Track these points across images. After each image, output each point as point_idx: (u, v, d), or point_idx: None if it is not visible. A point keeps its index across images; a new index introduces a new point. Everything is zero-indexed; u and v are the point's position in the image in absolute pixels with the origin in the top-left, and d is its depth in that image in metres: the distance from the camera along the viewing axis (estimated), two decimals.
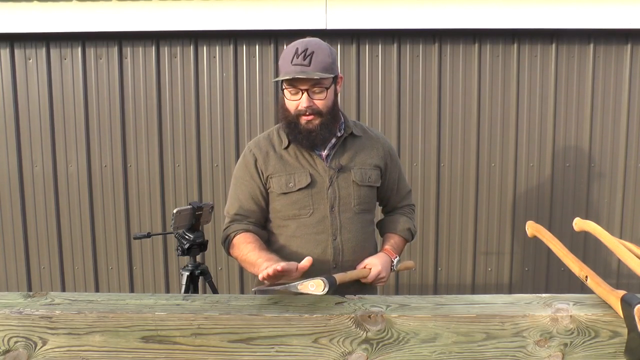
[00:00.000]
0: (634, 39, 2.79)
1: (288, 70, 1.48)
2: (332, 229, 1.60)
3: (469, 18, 2.66)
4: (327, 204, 1.59)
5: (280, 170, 1.60)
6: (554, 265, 2.92)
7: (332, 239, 1.60)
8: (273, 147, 1.65)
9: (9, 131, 2.87)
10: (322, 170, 1.60)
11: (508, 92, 2.85)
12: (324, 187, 1.60)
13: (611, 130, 2.87)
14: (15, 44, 2.83)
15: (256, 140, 1.72)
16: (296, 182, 1.58)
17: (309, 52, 1.49)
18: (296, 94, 1.52)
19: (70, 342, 0.83)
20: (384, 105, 2.85)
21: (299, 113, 1.53)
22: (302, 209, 1.59)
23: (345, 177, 1.61)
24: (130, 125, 2.88)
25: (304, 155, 1.61)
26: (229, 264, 2.95)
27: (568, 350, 0.84)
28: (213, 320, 0.83)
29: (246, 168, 1.66)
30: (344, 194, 1.60)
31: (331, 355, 0.83)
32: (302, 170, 1.59)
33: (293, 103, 1.53)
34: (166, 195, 2.92)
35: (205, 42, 2.83)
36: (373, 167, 1.66)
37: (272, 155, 1.63)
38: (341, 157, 1.63)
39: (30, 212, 2.94)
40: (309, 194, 1.59)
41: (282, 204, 1.61)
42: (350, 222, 1.61)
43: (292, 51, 1.50)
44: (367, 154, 1.66)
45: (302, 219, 1.59)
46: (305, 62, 1.49)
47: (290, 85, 1.50)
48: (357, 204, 1.62)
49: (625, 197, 2.90)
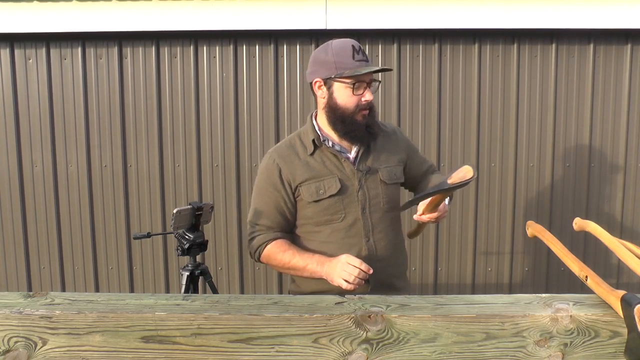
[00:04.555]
0: (634, 39, 2.79)
1: (354, 65, 1.51)
2: (365, 230, 1.60)
3: (469, 18, 2.66)
4: (358, 207, 1.59)
5: (309, 178, 1.58)
6: (554, 265, 2.92)
7: (365, 241, 1.60)
8: (297, 154, 1.62)
9: (9, 131, 2.87)
10: (350, 174, 1.60)
11: (508, 92, 2.85)
12: (353, 190, 1.59)
13: (611, 130, 2.87)
14: (15, 44, 2.83)
15: (278, 148, 1.68)
16: (326, 189, 1.57)
17: (362, 49, 1.55)
18: (359, 88, 1.53)
19: (70, 342, 0.83)
20: (383, 105, 2.85)
21: (360, 108, 1.54)
22: (334, 214, 1.59)
23: (374, 178, 1.62)
24: (130, 125, 2.88)
25: (331, 160, 1.61)
26: (229, 264, 2.95)
27: (568, 350, 0.84)
28: (213, 320, 0.83)
29: (269, 179, 1.63)
30: (373, 195, 1.61)
31: (331, 355, 0.83)
32: (331, 176, 1.58)
33: (354, 98, 1.53)
34: (166, 195, 2.92)
35: (205, 42, 2.83)
36: (397, 163, 1.68)
37: (298, 164, 1.60)
38: (368, 158, 1.63)
39: (30, 212, 2.94)
40: (340, 200, 1.58)
41: (313, 211, 1.60)
42: (381, 221, 1.62)
43: (348, 48, 1.53)
44: (390, 151, 1.67)
45: (334, 224, 1.59)
46: (365, 58, 1.54)
47: (357, 80, 1.52)
48: (386, 203, 1.63)
49: (625, 197, 2.90)
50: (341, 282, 1.43)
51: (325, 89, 1.57)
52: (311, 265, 1.52)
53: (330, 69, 1.54)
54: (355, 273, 1.41)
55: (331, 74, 1.54)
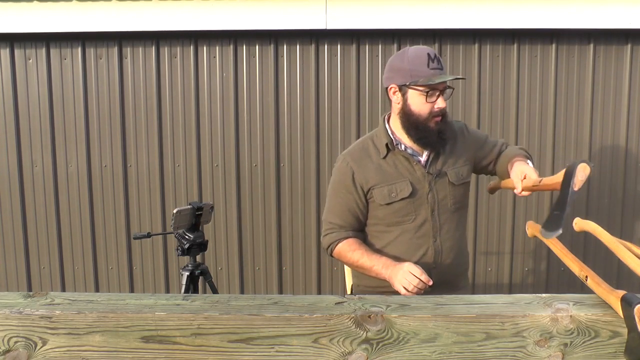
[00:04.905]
0: (634, 39, 2.79)
1: (429, 74, 1.55)
2: (433, 231, 1.66)
3: (469, 18, 2.66)
4: (428, 209, 1.66)
5: (382, 181, 1.64)
6: (554, 265, 2.92)
7: (432, 241, 1.67)
8: (370, 157, 1.68)
9: (9, 131, 2.87)
10: (421, 177, 1.66)
11: (508, 92, 2.85)
12: (424, 193, 1.65)
13: (611, 130, 2.87)
14: (15, 44, 2.83)
15: (351, 151, 1.74)
16: (398, 192, 1.63)
17: (438, 57, 1.59)
18: (432, 96, 1.57)
19: (70, 342, 0.83)
20: (383, 105, 2.85)
21: (433, 115, 1.59)
22: (405, 216, 1.65)
23: (442, 180, 1.67)
24: (130, 125, 2.88)
25: (403, 164, 1.66)
26: (229, 264, 2.95)
27: (568, 350, 0.84)
28: (213, 320, 0.83)
29: (343, 182, 1.70)
30: (441, 196, 1.67)
31: (331, 355, 0.83)
32: (403, 180, 1.64)
33: (427, 106, 1.58)
34: (166, 195, 2.92)
35: (205, 42, 2.83)
36: (464, 163, 1.72)
37: (371, 167, 1.66)
38: (438, 161, 1.68)
39: (30, 212, 2.94)
40: (410, 202, 1.64)
41: (384, 213, 1.66)
42: (448, 221, 1.68)
43: (423, 56, 1.57)
44: (458, 152, 1.72)
45: (405, 225, 1.66)
46: (439, 66, 1.58)
47: (431, 89, 1.56)
48: (453, 203, 1.69)
49: (625, 197, 2.90)
50: (400, 289, 1.51)
51: (400, 95, 1.63)
52: (377, 266, 1.59)
53: (405, 77, 1.59)
54: (415, 282, 1.48)
55: (406, 82, 1.59)
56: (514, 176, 1.52)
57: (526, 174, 1.48)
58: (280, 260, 2.96)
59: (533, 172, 1.48)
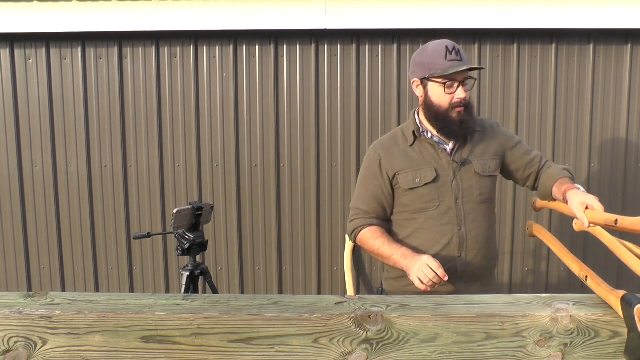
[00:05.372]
0: (634, 39, 2.79)
1: (446, 66, 1.59)
2: (457, 219, 1.69)
3: (469, 18, 2.66)
4: (452, 197, 1.69)
5: (407, 167, 1.69)
6: (554, 265, 2.92)
7: (457, 230, 1.69)
8: (397, 145, 1.74)
9: (9, 131, 2.87)
10: (446, 164, 1.69)
11: (508, 92, 2.85)
12: (448, 180, 1.69)
13: (611, 130, 2.87)
14: (15, 44, 2.83)
15: (381, 140, 1.81)
16: (422, 177, 1.68)
17: (457, 48, 1.62)
18: (451, 87, 1.61)
19: (70, 342, 0.83)
20: (383, 106, 2.84)
21: (454, 105, 1.63)
22: (429, 202, 1.69)
23: (468, 170, 1.70)
24: (130, 125, 2.88)
25: (429, 151, 1.71)
26: (229, 264, 2.95)
27: (568, 350, 0.84)
28: (213, 320, 0.83)
29: (370, 168, 1.76)
30: (466, 186, 1.69)
31: (331, 355, 0.83)
32: (427, 166, 1.68)
33: (447, 97, 1.62)
34: (166, 195, 2.92)
35: (205, 42, 2.83)
36: (492, 157, 1.74)
37: (397, 153, 1.72)
38: (463, 150, 1.71)
39: (30, 212, 2.94)
40: (434, 188, 1.68)
41: (409, 199, 1.70)
42: (474, 212, 1.70)
43: (442, 49, 1.61)
44: (486, 145, 1.74)
45: (429, 212, 1.69)
46: (458, 58, 1.62)
47: (449, 79, 1.60)
48: (479, 195, 1.71)
49: (625, 197, 2.90)
50: (415, 280, 1.52)
51: (422, 88, 1.69)
52: (396, 256, 1.63)
53: (425, 70, 1.65)
54: (431, 276, 1.49)
55: (425, 75, 1.65)
56: (576, 209, 1.47)
57: (588, 205, 1.46)
58: (280, 260, 2.96)
59: (594, 200, 1.45)
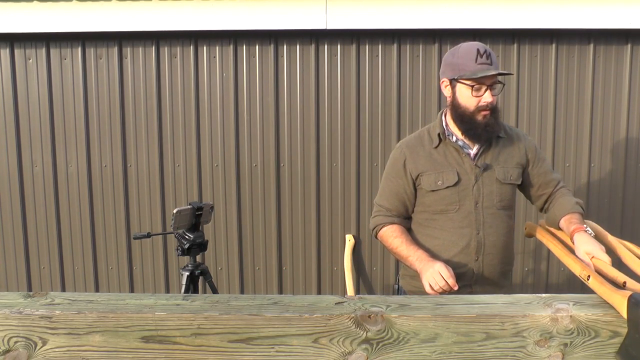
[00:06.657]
0: (634, 39, 2.79)
1: (476, 68, 1.60)
2: (476, 224, 1.70)
3: (469, 18, 2.66)
4: (472, 201, 1.70)
5: (430, 168, 1.71)
6: (554, 265, 2.92)
7: (475, 233, 1.70)
8: (423, 146, 1.76)
9: (9, 131, 2.87)
10: (468, 169, 1.71)
11: (508, 92, 2.85)
12: (469, 184, 1.70)
13: (611, 130, 2.87)
14: (15, 44, 2.83)
15: (407, 139, 1.83)
16: (444, 180, 1.69)
17: (488, 52, 1.63)
18: (478, 90, 1.62)
19: (70, 342, 0.83)
20: (383, 106, 2.84)
21: (480, 109, 1.63)
22: (450, 204, 1.71)
23: (489, 175, 1.71)
24: (130, 125, 2.88)
25: (453, 154, 1.72)
26: (229, 264, 2.95)
27: (568, 350, 0.84)
28: (213, 320, 0.83)
29: (394, 166, 1.78)
30: (487, 192, 1.71)
31: (331, 355, 0.83)
32: (450, 169, 1.70)
33: (474, 99, 1.63)
34: (166, 195, 2.92)
35: (205, 42, 2.83)
36: (515, 165, 1.75)
37: (422, 154, 1.74)
38: (486, 156, 1.72)
39: (30, 212, 2.94)
40: (455, 191, 1.70)
41: (431, 200, 1.72)
42: (493, 217, 1.71)
43: (473, 52, 1.62)
44: (510, 153, 1.75)
45: (449, 214, 1.71)
46: (488, 62, 1.62)
47: (477, 82, 1.61)
48: (499, 201, 1.72)
49: (625, 197, 2.90)
50: (425, 285, 1.56)
51: (450, 88, 1.70)
52: (412, 257, 1.66)
53: (454, 71, 1.66)
54: (442, 284, 1.52)
55: (454, 76, 1.66)
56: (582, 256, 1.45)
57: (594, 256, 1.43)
58: (280, 260, 2.96)
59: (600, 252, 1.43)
